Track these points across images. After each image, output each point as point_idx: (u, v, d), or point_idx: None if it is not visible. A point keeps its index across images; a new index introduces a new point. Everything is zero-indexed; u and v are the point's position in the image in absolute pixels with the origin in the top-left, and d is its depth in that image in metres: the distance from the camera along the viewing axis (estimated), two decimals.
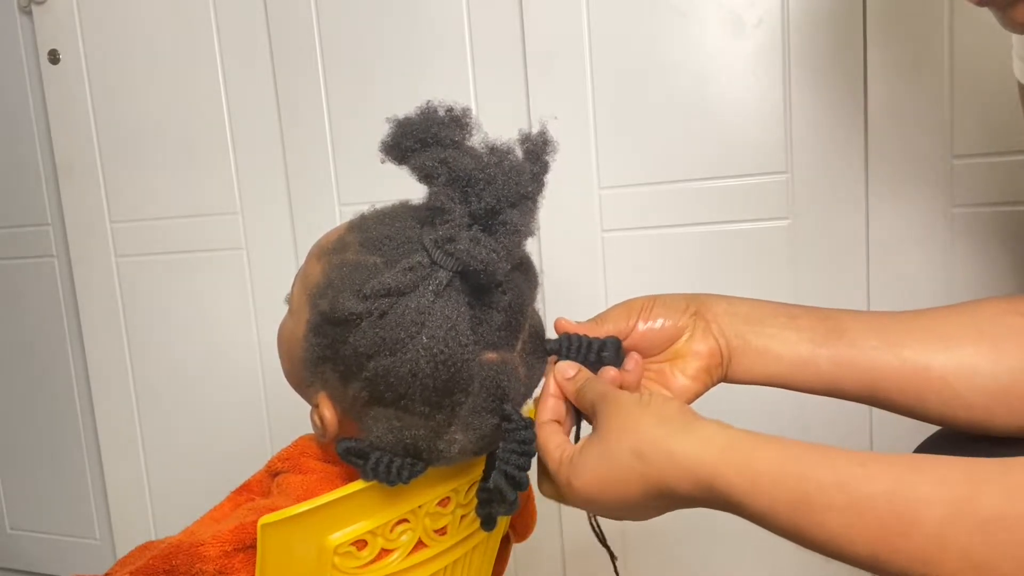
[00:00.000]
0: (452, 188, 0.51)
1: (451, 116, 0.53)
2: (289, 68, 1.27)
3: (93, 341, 1.48)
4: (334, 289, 0.52)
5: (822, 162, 1.04)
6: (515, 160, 0.53)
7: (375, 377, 0.51)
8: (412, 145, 0.52)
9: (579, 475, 0.50)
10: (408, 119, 0.53)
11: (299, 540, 0.54)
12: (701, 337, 0.58)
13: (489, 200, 0.50)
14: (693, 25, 1.07)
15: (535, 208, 0.53)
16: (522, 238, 0.52)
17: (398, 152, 0.53)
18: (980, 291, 1.00)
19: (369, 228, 0.55)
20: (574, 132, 1.12)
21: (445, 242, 0.50)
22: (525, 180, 0.52)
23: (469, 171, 0.51)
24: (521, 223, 0.51)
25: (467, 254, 0.49)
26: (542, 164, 0.54)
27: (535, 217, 0.54)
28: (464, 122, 0.54)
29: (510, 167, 0.52)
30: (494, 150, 0.53)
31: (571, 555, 1.23)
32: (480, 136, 0.54)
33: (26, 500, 1.64)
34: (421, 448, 0.53)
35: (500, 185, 0.51)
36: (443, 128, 0.52)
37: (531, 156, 0.54)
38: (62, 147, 1.44)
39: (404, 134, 0.52)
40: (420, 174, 0.52)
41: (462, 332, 0.50)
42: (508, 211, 0.51)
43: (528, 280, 0.56)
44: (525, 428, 0.54)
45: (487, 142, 0.53)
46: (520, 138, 0.54)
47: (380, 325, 0.50)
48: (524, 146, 0.54)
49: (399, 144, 0.53)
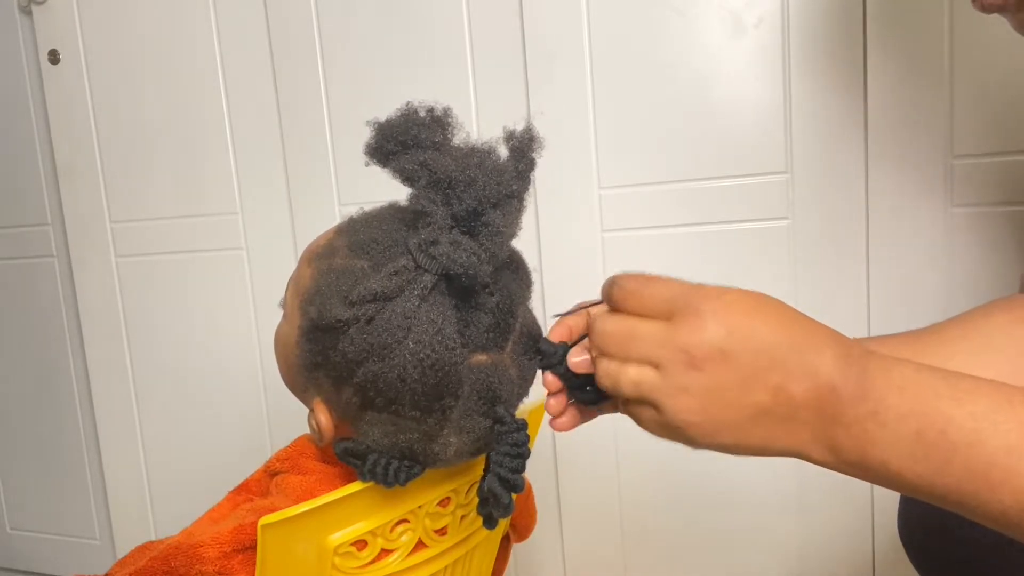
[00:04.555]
0: (433, 190, 0.50)
1: (432, 117, 0.53)
2: (289, 68, 1.27)
3: (93, 341, 1.48)
4: (322, 296, 0.52)
5: (822, 162, 1.04)
6: (497, 160, 0.52)
7: (365, 383, 0.51)
8: (393, 148, 0.52)
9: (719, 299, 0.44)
10: (388, 121, 0.52)
11: (299, 541, 0.54)
12: None
13: (470, 202, 0.50)
14: (693, 25, 1.07)
15: (521, 207, 0.53)
16: (505, 239, 0.52)
17: (381, 155, 0.52)
18: (980, 291, 1.00)
19: (357, 231, 0.54)
20: (574, 132, 1.12)
21: (428, 245, 0.50)
22: (508, 179, 0.51)
23: (450, 173, 0.50)
24: (504, 224, 0.51)
25: (447, 257, 0.49)
26: (528, 161, 0.53)
27: (520, 216, 0.53)
28: (445, 122, 0.53)
29: (492, 167, 0.51)
30: (475, 150, 0.52)
31: (571, 555, 1.23)
32: (462, 135, 0.53)
33: (26, 500, 1.64)
34: (416, 451, 0.53)
35: (481, 186, 0.50)
36: (423, 129, 0.52)
37: (516, 153, 0.53)
38: (62, 147, 1.44)
39: (385, 137, 0.52)
40: (402, 177, 0.52)
41: (448, 336, 0.50)
42: (490, 212, 0.50)
43: (519, 280, 0.55)
44: (518, 430, 0.53)
45: (468, 142, 0.53)
46: (505, 135, 0.53)
47: (367, 331, 0.50)
48: (509, 144, 0.53)
49: (381, 147, 0.52)
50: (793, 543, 1.13)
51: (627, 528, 1.19)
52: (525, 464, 0.54)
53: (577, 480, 1.20)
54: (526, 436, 0.53)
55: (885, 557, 1.08)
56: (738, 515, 1.14)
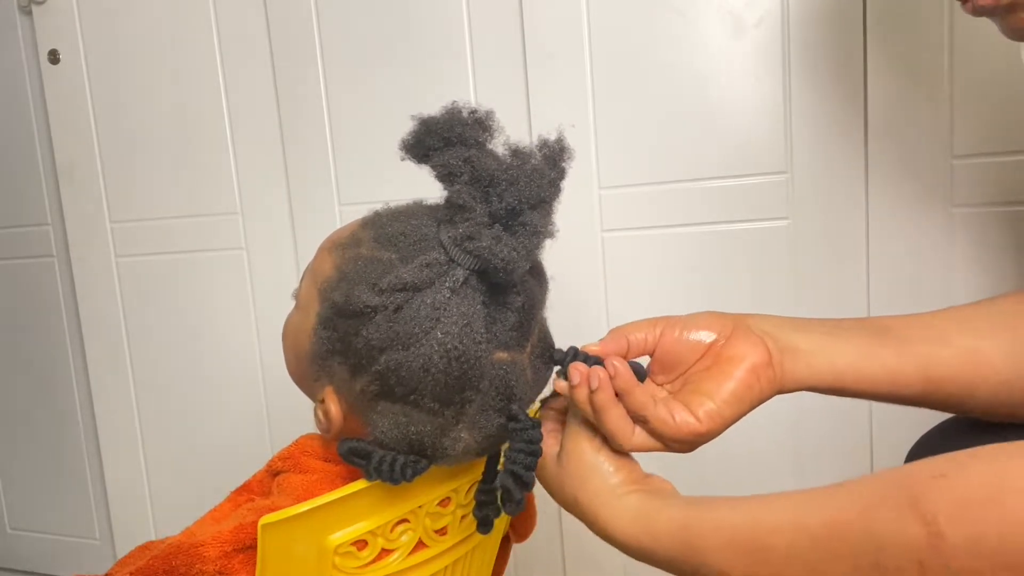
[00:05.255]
0: (474, 187, 0.52)
1: (475, 118, 0.54)
2: (289, 68, 1.27)
3: (93, 341, 1.48)
4: (348, 282, 0.53)
5: (822, 162, 1.04)
6: (537, 164, 0.53)
7: (386, 371, 0.51)
8: (435, 143, 0.53)
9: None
10: (432, 118, 0.53)
11: (299, 540, 0.54)
12: (743, 337, 0.55)
13: (511, 200, 0.51)
14: (693, 25, 1.07)
15: (551, 212, 0.54)
16: (541, 239, 0.53)
17: (420, 150, 0.53)
18: (980, 291, 1.00)
19: (384, 224, 0.55)
20: (574, 132, 1.12)
21: (465, 240, 0.51)
22: (545, 184, 0.53)
23: (492, 171, 0.51)
24: (541, 225, 0.52)
25: (489, 251, 0.50)
26: (559, 170, 0.55)
27: (552, 221, 0.54)
28: (487, 124, 0.54)
29: (532, 170, 0.52)
30: (517, 152, 0.53)
31: (571, 555, 1.23)
32: (503, 138, 0.55)
33: (26, 500, 1.64)
34: (426, 445, 0.53)
35: (522, 187, 0.51)
36: (467, 128, 0.53)
37: (549, 162, 0.54)
38: (62, 147, 1.44)
39: (428, 132, 0.53)
40: (442, 172, 0.53)
41: (476, 329, 0.51)
42: (528, 212, 0.52)
43: (540, 284, 0.57)
44: (532, 428, 0.54)
45: (510, 144, 0.54)
46: (539, 144, 0.55)
47: (394, 319, 0.50)
48: (542, 152, 0.55)
49: (422, 142, 0.53)
50: None
51: None
52: (537, 462, 0.55)
53: None
54: (540, 434, 0.54)
55: None
56: None
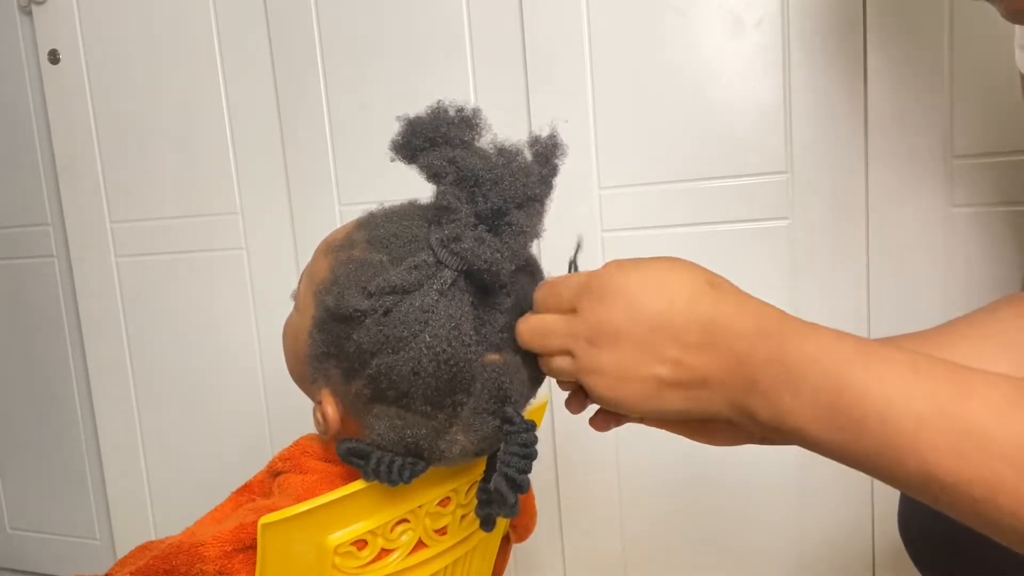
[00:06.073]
0: (459, 188, 0.51)
1: (461, 116, 0.53)
2: (289, 68, 1.27)
3: (93, 341, 1.48)
4: (339, 286, 0.52)
5: (822, 162, 1.04)
6: (524, 162, 0.53)
7: (377, 374, 0.51)
8: (421, 144, 0.52)
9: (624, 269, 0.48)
10: (418, 118, 0.53)
11: (299, 540, 0.54)
12: None
13: (495, 200, 0.51)
14: (693, 25, 1.07)
15: (542, 210, 0.54)
16: (528, 239, 0.52)
17: (408, 151, 0.53)
18: (980, 291, 1.00)
19: (377, 226, 0.55)
20: (574, 132, 1.12)
21: (450, 241, 0.50)
22: (533, 182, 0.52)
23: (477, 171, 0.51)
24: (527, 224, 0.52)
25: (471, 253, 0.50)
26: (551, 167, 0.54)
27: (542, 219, 0.54)
28: (474, 123, 0.54)
29: (518, 168, 0.52)
30: (503, 151, 0.53)
31: (571, 555, 1.23)
32: (490, 137, 0.54)
33: (26, 500, 1.64)
34: (422, 447, 0.53)
35: (507, 186, 0.51)
36: (452, 128, 0.52)
37: (540, 159, 0.54)
38: (62, 147, 1.44)
39: (414, 133, 0.53)
40: (428, 173, 0.52)
41: (465, 332, 0.51)
42: (514, 212, 0.51)
43: (534, 283, 0.56)
44: (527, 430, 0.53)
45: (496, 143, 0.54)
46: (530, 140, 0.54)
47: (384, 323, 0.50)
48: (533, 148, 0.54)
49: (409, 143, 0.53)
50: (792, 541, 1.13)
51: (627, 528, 1.19)
52: (532, 465, 0.54)
53: (577, 480, 1.21)
54: (535, 437, 0.54)
55: (885, 554, 1.08)
56: (738, 515, 1.14)
